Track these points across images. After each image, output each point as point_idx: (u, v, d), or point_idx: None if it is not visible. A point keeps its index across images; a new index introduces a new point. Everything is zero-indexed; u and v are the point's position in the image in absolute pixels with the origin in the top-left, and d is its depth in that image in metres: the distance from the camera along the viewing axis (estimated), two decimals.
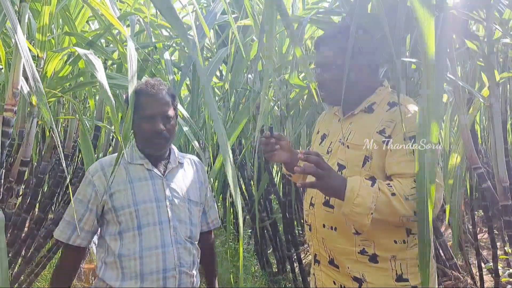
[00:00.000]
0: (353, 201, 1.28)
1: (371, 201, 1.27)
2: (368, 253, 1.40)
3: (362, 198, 1.27)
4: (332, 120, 1.62)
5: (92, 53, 1.58)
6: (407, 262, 1.39)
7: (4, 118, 1.55)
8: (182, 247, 1.49)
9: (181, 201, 1.53)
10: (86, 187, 1.48)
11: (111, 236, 1.47)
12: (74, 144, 3.14)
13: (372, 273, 1.40)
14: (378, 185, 1.30)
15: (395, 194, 1.27)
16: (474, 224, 3.23)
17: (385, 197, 1.27)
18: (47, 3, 1.88)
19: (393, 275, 1.38)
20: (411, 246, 1.40)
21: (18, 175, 1.83)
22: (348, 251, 1.43)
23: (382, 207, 1.28)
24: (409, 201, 1.26)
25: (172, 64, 2.98)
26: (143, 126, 1.46)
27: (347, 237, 1.43)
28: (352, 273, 1.43)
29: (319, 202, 1.49)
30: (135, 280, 1.42)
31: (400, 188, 1.28)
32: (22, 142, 1.93)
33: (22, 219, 2.13)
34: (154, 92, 1.48)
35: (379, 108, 1.45)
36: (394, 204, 1.26)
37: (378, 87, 1.51)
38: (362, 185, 1.29)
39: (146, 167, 1.51)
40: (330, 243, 1.48)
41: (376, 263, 1.40)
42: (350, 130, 1.48)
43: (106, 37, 2.66)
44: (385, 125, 1.39)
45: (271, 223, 3.61)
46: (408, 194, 1.27)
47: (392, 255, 1.39)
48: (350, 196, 1.28)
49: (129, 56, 1.45)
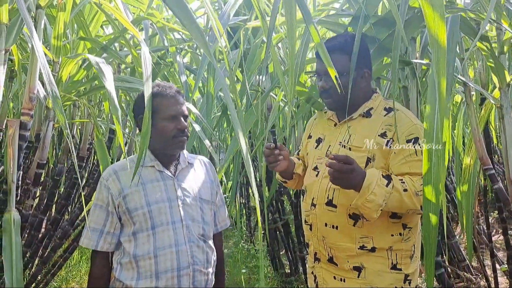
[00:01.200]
0: (367, 196, 1.38)
1: (382, 199, 1.38)
2: (367, 248, 1.51)
3: (374, 196, 1.38)
4: (326, 125, 1.70)
5: (103, 61, 1.62)
6: (402, 253, 1.51)
7: (21, 122, 1.60)
8: (195, 245, 1.52)
9: (193, 200, 1.56)
10: (102, 192, 1.53)
11: (126, 237, 1.50)
12: (90, 146, 3.20)
13: (371, 261, 1.51)
14: (393, 182, 1.40)
15: (407, 190, 1.39)
16: (489, 225, 3.19)
17: (398, 194, 1.39)
18: (62, 9, 1.93)
19: (389, 263, 1.51)
20: (406, 239, 1.52)
21: (34, 177, 1.88)
22: (348, 248, 1.52)
23: (393, 203, 1.40)
24: (418, 196, 1.38)
25: (184, 67, 3.03)
26: (167, 126, 1.51)
27: (348, 235, 1.52)
28: (352, 265, 1.52)
29: (321, 203, 1.57)
30: (151, 279, 1.46)
31: (412, 184, 1.40)
32: (38, 145, 1.99)
33: (39, 220, 2.18)
34: (173, 93, 1.56)
35: (376, 113, 1.56)
36: (405, 199, 1.39)
37: (373, 93, 1.61)
38: (378, 183, 1.39)
39: (157, 168, 1.55)
40: (331, 241, 1.56)
41: (374, 252, 1.51)
42: (350, 133, 1.56)
43: (120, 41, 2.72)
44: (385, 129, 1.50)
45: (283, 224, 3.62)
46: (418, 189, 1.39)
47: (389, 246, 1.51)
48: (365, 192, 1.39)
49: (143, 59, 1.49)
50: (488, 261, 3.26)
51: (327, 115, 1.71)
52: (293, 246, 3.59)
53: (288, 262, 3.76)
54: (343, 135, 1.58)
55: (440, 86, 1.05)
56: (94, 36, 2.42)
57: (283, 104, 3.18)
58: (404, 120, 1.48)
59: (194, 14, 1.38)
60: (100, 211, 1.51)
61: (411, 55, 1.96)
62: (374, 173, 1.41)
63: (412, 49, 1.97)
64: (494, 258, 3.02)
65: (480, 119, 2.15)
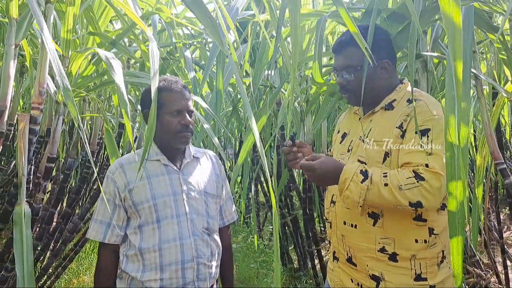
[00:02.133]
0: (343, 192, 1.38)
1: (358, 196, 1.35)
2: (388, 252, 1.41)
3: (350, 192, 1.37)
4: (352, 119, 1.65)
5: (113, 55, 1.62)
6: (426, 261, 1.39)
7: (31, 116, 1.61)
8: (200, 239, 1.53)
9: (198, 194, 1.57)
10: (109, 185, 1.54)
11: (132, 230, 1.52)
12: (100, 141, 3.22)
13: (391, 272, 1.41)
14: (372, 177, 1.35)
15: (387, 184, 1.32)
16: (499, 221, 3.16)
17: (376, 189, 1.33)
18: (71, 4, 1.94)
19: (412, 274, 1.39)
20: (431, 245, 1.40)
21: (45, 171, 1.90)
22: (368, 248, 1.44)
23: (372, 198, 1.35)
24: (402, 190, 1.30)
25: (193, 62, 3.03)
26: (171, 120, 1.52)
27: (368, 235, 1.44)
28: (370, 271, 1.44)
29: (340, 200, 1.50)
30: (155, 271, 1.48)
31: (395, 178, 1.32)
32: (49, 139, 2.00)
33: (49, 213, 2.21)
34: (179, 89, 1.56)
35: (399, 105, 1.47)
36: (384, 195, 1.32)
37: (398, 84, 1.53)
38: (353, 180, 1.36)
39: (162, 162, 1.56)
40: (350, 240, 1.50)
41: (395, 262, 1.40)
42: (370, 127, 1.50)
43: (129, 36, 2.72)
44: (402, 120, 1.42)
45: (292, 220, 3.61)
46: (402, 183, 1.30)
47: (412, 254, 1.39)
48: (341, 187, 1.39)
49: (151, 54, 1.49)
50: (499, 258, 3.23)
51: (354, 109, 1.65)
52: (302, 241, 3.59)
53: (296, 257, 3.76)
54: (365, 129, 1.52)
55: (456, 70, 1.01)
56: (103, 31, 2.42)
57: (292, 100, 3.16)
58: (422, 110, 1.38)
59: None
60: (108, 204, 1.53)
61: (421, 49, 1.93)
62: (351, 169, 1.38)
63: (423, 42, 1.95)
64: (505, 254, 2.99)
65: (492, 114, 2.12)
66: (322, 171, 1.41)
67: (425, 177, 1.29)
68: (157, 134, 1.53)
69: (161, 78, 1.59)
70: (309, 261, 3.51)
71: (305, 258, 3.62)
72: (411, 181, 1.29)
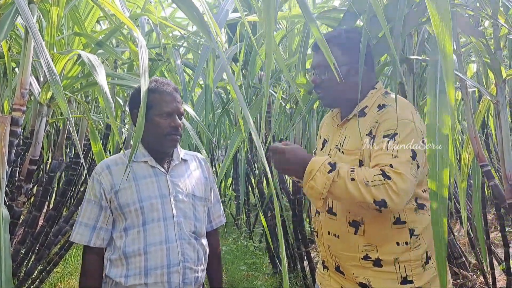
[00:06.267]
0: (307, 183, 1.35)
1: (323, 186, 1.33)
2: (371, 258, 1.41)
3: (314, 182, 1.34)
4: (331, 125, 1.64)
5: (95, 58, 1.60)
6: (411, 264, 1.40)
7: (13, 118, 1.58)
8: (186, 243, 1.51)
9: (186, 197, 1.55)
10: (95, 187, 1.51)
11: (117, 233, 1.49)
12: (87, 142, 3.19)
13: (378, 278, 1.41)
14: (338, 170, 1.33)
15: (354, 179, 1.30)
16: (486, 222, 3.18)
17: (342, 183, 1.31)
18: (55, 4, 1.91)
19: (398, 278, 1.39)
20: (415, 247, 1.40)
21: (27, 173, 1.87)
22: (352, 257, 1.44)
23: (337, 191, 1.32)
24: (368, 187, 1.28)
25: (183, 64, 3.01)
26: (161, 122, 1.50)
27: (350, 244, 1.44)
28: (357, 279, 1.44)
29: (324, 210, 1.50)
30: (140, 275, 1.45)
31: (362, 174, 1.31)
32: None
33: (33, 216, 2.18)
34: (170, 90, 1.54)
35: (370, 111, 1.47)
36: (350, 189, 1.29)
37: (370, 90, 1.51)
38: (320, 170, 1.34)
39: (150, 164, 1.54)
40: (334, 249, 1.50)
41: (380, 267, 1.41)
42: (344, 135, 1.50)
43: (117, 37, 2.70)
44: (371, 126, 1.41)
45: (281, 221, 3.60)
46: (369, 179, 1.29)
47: (396, 257, 1.40)
48: (306, 178, 1.36)
49: (140, 52, 1.47)
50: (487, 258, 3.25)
51: (333, 114, 1.64)
52: (292, 243, 3.58)
53: (286, 259, 3.75)
54: (340, 137, 1.52)
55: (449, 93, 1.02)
56: (90, 32, 2.40)
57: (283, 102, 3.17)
58: (390, 116, 1.38)
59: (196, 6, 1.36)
60: (93, 206, 1.50)
61: (408, 52, 1.94)
62: (319, 160, 1.36)
63: (409, 45, 1.96)
64: (492, 255, 3.01)
65: (477, 116, 2.14)
66: (290, 156, 1.39)
67: (391, 176, 1.28)
68: (145, 136, 1.49)
69: (153, 79, 1.57)
70: (299, 263, 3.50)
71: (295, 260, 3.62)
72: (378, 178, 1.28)
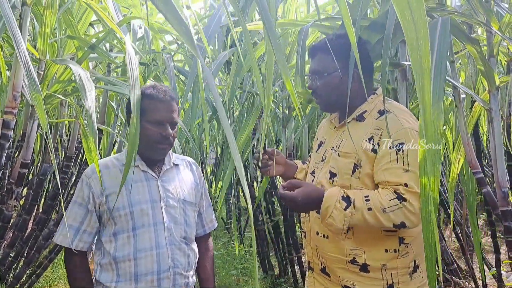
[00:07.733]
0: (326, 220, 1.35)
1: (342, 223, 1.32)
2: (358, 263, 1.41)
3: (333, 220, 1.33)
4: (328, 128, 1.65)
5: (87, 75, 1.58)
6: (397, 271, 1.40)
7: (4, 121, 1.56)
8: (177, 248, 1.50)
9: (176, 202, 1.53)
10: (83, 190, 1.49)
11: (107, 237, 1.47)
12: (79, 145, 3.16)
13: (363, 283, 1.41)
14: (354, 202, 1.32)
15: (371, 209, 1.30)
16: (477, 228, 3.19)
17: (360, 215, 1.31)
18: (49, 7, 1.89)
19: (384, 284, 1.39)
20: (402, 255, 1.40)
21: (18, 177, 1.84)
22: (339, 259, 1.45)
23: (356, 223, 1.33)
24: (386, 213, 1.29)
25: (175, 69, 2.99)
26: (150, 129, 1.47)
27: (338, 246, 1.45)
28: (343, 282, 1.44)
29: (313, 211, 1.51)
30: (130, 281, 1.43)
31: (378, 200, 1.30)
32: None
33: (22, 220, 2.14)
34: (166, 99, 1.50)
35: (369, 116, 1.46)
36: (368, 220, 1.30)
37: (371, 95, 1.51)
38: (336, 207, 1.33)
39: (141, 168, 1.52)
40: (322, 250, 1.50)
41: (367, 272, 1.41)
42: (342, 138, 1.50)
43: (110, 41, 2.68)
44: (373, 133, 1.40)
45: (273, 226, 3.60)
46: (386, 206, 1.29)
47: (383, 264, 1.40)
48: (323, 215, 1.35)
49: (128, 61, 1.45)
50: (477, 263, 3.27)
51: (332, 117, 1.65)
52: (283, 247, 3.58)
53: (277, 264, 3.75)
54: (337, 140, 1.52)
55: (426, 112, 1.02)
56: (83, 35, 2.38)
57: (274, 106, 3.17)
58: (394, 123, 1.36)
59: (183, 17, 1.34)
60: (79, 209, 1.48)
61: (401, 57, 1.95)
62: (333, 195, 1.35)
63: (402, 51, 1.97)
64: (483, 260, 3.02)
65: (468, 122, 2.15)
66: (304, 200, 1.36)
67: (407, 197, 1.28)
68: None
69: (151, 85, 1.54)
70: (290, 268, 3.50)
71: (286, 265, 3.61)
72: (394, 203, 1.29)
